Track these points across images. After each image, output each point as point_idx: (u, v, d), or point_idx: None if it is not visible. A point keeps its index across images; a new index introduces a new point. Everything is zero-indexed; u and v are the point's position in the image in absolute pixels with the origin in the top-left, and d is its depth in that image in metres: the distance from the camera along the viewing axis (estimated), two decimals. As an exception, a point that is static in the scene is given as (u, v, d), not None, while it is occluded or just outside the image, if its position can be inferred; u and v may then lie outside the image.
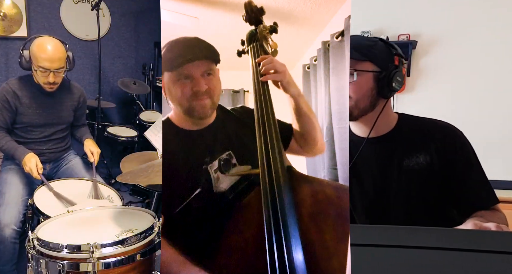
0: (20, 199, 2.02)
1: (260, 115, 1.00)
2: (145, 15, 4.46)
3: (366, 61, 1.23)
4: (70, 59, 2.15)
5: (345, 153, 1.89)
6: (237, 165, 1.00)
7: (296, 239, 0.79)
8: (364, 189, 1.26)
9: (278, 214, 0.82)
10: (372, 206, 1.26)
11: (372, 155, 1.27)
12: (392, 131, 1.28)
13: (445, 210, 1.23)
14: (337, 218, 0.85)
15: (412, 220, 1.21)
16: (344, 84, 1.25)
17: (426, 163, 1.20)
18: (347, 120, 1.27)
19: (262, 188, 0.88)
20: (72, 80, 2.37)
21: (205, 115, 1.07)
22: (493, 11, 3.06)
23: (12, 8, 3.69)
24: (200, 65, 1.01)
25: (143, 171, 1.51)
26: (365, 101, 1.24)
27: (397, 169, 1.23)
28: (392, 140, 1.27)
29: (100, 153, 2.29)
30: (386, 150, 1.26)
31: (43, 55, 1.99)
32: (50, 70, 2.01)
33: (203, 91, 1.01)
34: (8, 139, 2.12)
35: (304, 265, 0.77)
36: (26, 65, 2.09)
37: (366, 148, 1.27)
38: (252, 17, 1.09)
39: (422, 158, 1.21)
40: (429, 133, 1.23)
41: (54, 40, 2.06)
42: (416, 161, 1.22)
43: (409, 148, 1.23)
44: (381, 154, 1.26)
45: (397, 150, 1.25)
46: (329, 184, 0.98)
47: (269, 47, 1.10)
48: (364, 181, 1.27)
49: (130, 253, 1.37)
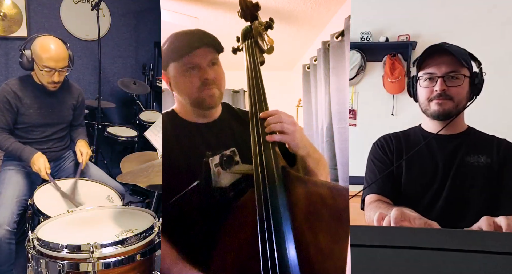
0: (15, 199, 2.01)
1: (255, 114, 0.99)
2: (145, 15, 4.46)
3: (465, 67, 1.36)
4: (71, 58, 2.15)
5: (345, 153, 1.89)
6: (240, 163, 1.00)
7: (290, 240, 0.79)
8: (425, 173, 1.41)
9: (272, 215, 0.82)
10: (428, 188, 1.40)
11: (438, 148, 1.42)
12: (462, 133, 1.44)
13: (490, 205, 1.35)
14: (332, 219, 0.84)
15: (459, 204, 1.35)
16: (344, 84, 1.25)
17: (486, 163, 1.37)
18: (347, 120, 1.29)
19: (256, 188, 0.87)
20: (71, 80, 2.37)
21: (214, 105, 1.06)
22: (493, 11, 3.06)
23: (12, 8, 3.68)
24: (206, 54, 1.00)
25: (143, 171, 1.51)
26: (463, 103, 1.38)
27: (459, 161, 1.38)
28: (461, 139, 1.42)
29: (90, 155, 2.28)
30: (453, 146, 1.41)
31: (47, 55, 1.99)
32: (56, 70, 2.01)
33: (212, 80, 1.01)
34: (13, 140, 2.12)
35: (298, 266, 0.76)
36: (27, 65, 2.09)
37: (434, 142, 1.43)
38: (247, 13, 1.08)
39: (483, 158, 1.38)
40: (495, 144, 1.41)
41: (56, 40, 2.06)
42: (477, 159, 1.38)
43: (474, 149, 1.40)
44: (447, 148, 1.42)
45: (462, 147, 1.40)
46: (324, 185, 0.96)
47: (264, 43, 1.09)
48: (427, 167, 1.41)
49: (130, 253, 1.37)
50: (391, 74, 3.19)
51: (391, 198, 1.40)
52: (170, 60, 1.02)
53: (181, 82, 1.03)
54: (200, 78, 1.00)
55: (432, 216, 1.22)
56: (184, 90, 1.04)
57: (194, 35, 1.03)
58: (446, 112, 1.36)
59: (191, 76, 1.01)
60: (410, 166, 1.43)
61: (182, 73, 1.01)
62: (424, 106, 1.41)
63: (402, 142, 1.49)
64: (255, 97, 1.01)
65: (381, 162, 1.48)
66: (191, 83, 1.01)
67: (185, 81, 1.02)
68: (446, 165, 1.39)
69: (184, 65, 1.00)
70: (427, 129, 1.48)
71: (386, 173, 1.43)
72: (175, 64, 1.02)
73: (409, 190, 1.42)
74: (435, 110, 1.37)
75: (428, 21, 3.18)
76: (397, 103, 3.26)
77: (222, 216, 0.93)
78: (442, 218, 1.25)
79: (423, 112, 1.44)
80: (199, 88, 1.01)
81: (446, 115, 1.36)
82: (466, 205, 1.35)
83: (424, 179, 1.40)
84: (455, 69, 1.33)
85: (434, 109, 1.37)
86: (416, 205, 1.31)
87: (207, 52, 1.01)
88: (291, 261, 0.76)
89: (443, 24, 3.11)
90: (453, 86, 1.34)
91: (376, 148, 1.53)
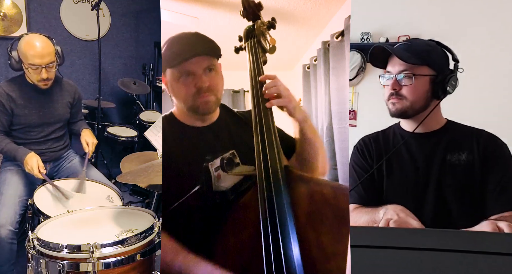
0: (17, 200, 2.01)
1: (258, 113, 0.98)
2: (145, 15, 4.46)
3: (424, 66, 1.31)
4: (60, 53, 2.13)
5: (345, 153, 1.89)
6: (241, 165, 1.00)
7: (293, 238, 0.79)
8: (406, 178, 1.37)
9: (274, 214, 0.82)
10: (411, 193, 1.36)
11: (418, 148, 1.38)
12: (440, 129, 1.39)
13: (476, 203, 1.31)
14: (334, 219, 0.84)
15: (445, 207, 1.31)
16: (344, 84, 1.25)
17: (468, 161, 1.31)
18: (347, 120, 1.29)
19: (259, 187, 0.87)
20: (70, 79, 2.36)
21: (208, 111, 1.06)
22: (493, 12, 3.06)
23: (12, 8, 3.68)
24: (202, 61, 1.00)
25: (143, 171, 1.51)
26: (420, 103, 1.33)
27: (440, 161, 1.34)
28: (439, 136, 1.38)
29: (96, 144, 2.26)
30: (432, 144, 1.37)
31: (32, 52, 1.97)
32: (42, 66, 1.99)
33: (206, 88, 1.01)
34: (8, 141, 2.12)
35: (301, 265, 0.76)
36: (16, 66, 2.07)
37: (413, 142, 1.39)
38: (250, 12, 1.07)
39: (464, 155, 1.32)
40: (475, 138, 1.34)
41: (40, 36, 2.03)
42: (458, 157, 1.33)
43: (454, 146, 1.34)
44: (426, 147, 1.37)
45: (441, 145, 1.36)
46: (326, 184, 0.97)
47: (267, 43, 1.09)
48: (408, 170, 1.38)
49: (130, 253, 1.37)
50: (391, 75, 3.20)
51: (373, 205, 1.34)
52: (167, 66, 1.02)
53: (177, 88, 1.03)
54: (195, 86, 1.00)
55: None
56: (180, 96, 1.04)
57: (191, 41, 1.02)
58: (400, 112, 1.33)
59: (186, 84, 1.01)
60: (390, 170, 1.40)
61: (177, 79, 1.01)
62: (386, 105, 1.39)
63: (381, 143, 1.45)
64: (258, 97, 1.00)
65: (361, 168, 1.44)
66: (186, 90, 1.01)
67: (180, 88, 1.02)
68: (426, 166, 1.36)
69: (179, 72, 1.00)
70: (404, 127, 1.44)
71: (367, 180, 1.38)
72: (171, 70, 1.02)
73: (391, 196, 1.37)
74: (390, 109, 1.36)
75: (428, 22, 3.18)
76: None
77: (224, 216, 0.93)
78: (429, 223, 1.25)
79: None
80: (193, 96, 1.01)
81: (403, 114, 1.34)
82: (452, 208, 1.31)
83: (405, 184, 1.37)
84: (407, 68, 1.30)
85: (389, 108, 1.36)
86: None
87: (204, 59, 1.01)
88: (294, 260, 0.76)
89: (442, 25, 3.11)
90: (405, 85, 1.31)
91: (356, 152, 1.49)
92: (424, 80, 1.31)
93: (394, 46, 1.37)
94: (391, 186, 1.39)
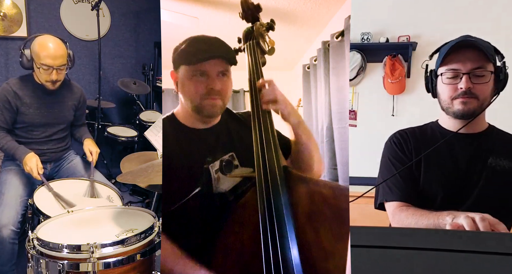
0: (19, 200, 2.02)
1: (256, 114, 0.99)
2: (145, 15, 4.46)
3: (491, 63, 1.28)
4: (71, 57, 2.16)
5: (345, 153, 1.89)
6: (239, 167, 1.00)
7: (292, 239, 0.79)
8: (444, 176, 1.33)
9: (274, 214, 0.82)
10: (448, 192, 1.32)
11: (461, 149, 1.35)
12: (483, 132, 1.37)
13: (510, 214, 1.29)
14: (333, 219, 0.84)
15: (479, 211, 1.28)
16: (344, 84, 1.25)
17: (509, 168, 1.30)
18: (347, 120, 1.29)
19: (258, 187, 0.87)
20: (72, 80, 2.37)
21: (213, 115, 1.07)
22: (493, 12, 3.06)
23: (12, 8, 3.68)
24: (218, 64, 1.01)
25: (143, 171, 1.51)
26: (488, 101, 1.30)
27: (482, 164, 1.31)
28: (483, 139, 1.35)
29: (99, 152, 2.29)
30: (475, 147, 1.34)
31: (45, 53, 2.00)
32: (53, 68, 2.02)
33: (217, 91, 1.02)
34: (9, 139, 2.12)
35: (300, 265, 0.77)
36: (27, 65, 2.10)
37: (455, 142, 1.35)
38: (249, 14, 1.08)
39: (505, 163, 1.31)
40: None
41: (55, 38, 2.07)
42: (499, 163, 1.31)
43: (496, 151, 1.32)
44: (470, 149, 1.34)
45: (485, 149, 1.33)
46: (326, 184, 0.97)
47: (266, 45, 1.09)
48: (447, 169, 1.34)
49: (130, 253, 1.37)
50: (391, 75, 3.20)
51: (412, 203, 1.31)
52: (182, 62, 1.03)
53: (187, 86, 1.03)
54: (207, 87, 1.01)
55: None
56: (188, 95, 1.04)
57: (211, 44, 1.03)
58: (470, 112, 1.27)
59: (198, 83, 1.01)
60: (428, 167, 1.34)
61: (190, 77, 1.02)
62: (445, 105, 1.32)
63: (420, 139, 1.38)
64: (257, 99, 1.01)
65: (399, 161, 1.37)
66: (196, 89, 1.02)
67: (191, 87, 1.03)
68: (469, 166, 1.31)
69: (194, 71, 1.01)
70: (445, 126, 1.38)
71: (407, 177, 1.33)
72: (186, 67, 1.02)
73: (428, 191, 1.33)
74: (458, 110, 1.28)
75: (428, 22, 3.18)
76: (397, 104, 3.26)
77: (223, 217, 0.93)
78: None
79: (443, 110, 1.35)
80: (203, 96, 1.02)
81: (470, 114, 1.27)
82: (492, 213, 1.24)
83: (443, 183, 1.32)
84: (481, 65, 1.24)
85: (458, 108, 1.28)
86: (434, 208, 1.24)
87: (220, 63, 1.02)
88: (293, 260, 0.77)
89: (443, 25, 3.11)
90: (478, 84, 1.24)
91: (392, 145, 1.41)
92: (492, 78, 1.27)
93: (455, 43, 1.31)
94: (427, 182, 1.33)
